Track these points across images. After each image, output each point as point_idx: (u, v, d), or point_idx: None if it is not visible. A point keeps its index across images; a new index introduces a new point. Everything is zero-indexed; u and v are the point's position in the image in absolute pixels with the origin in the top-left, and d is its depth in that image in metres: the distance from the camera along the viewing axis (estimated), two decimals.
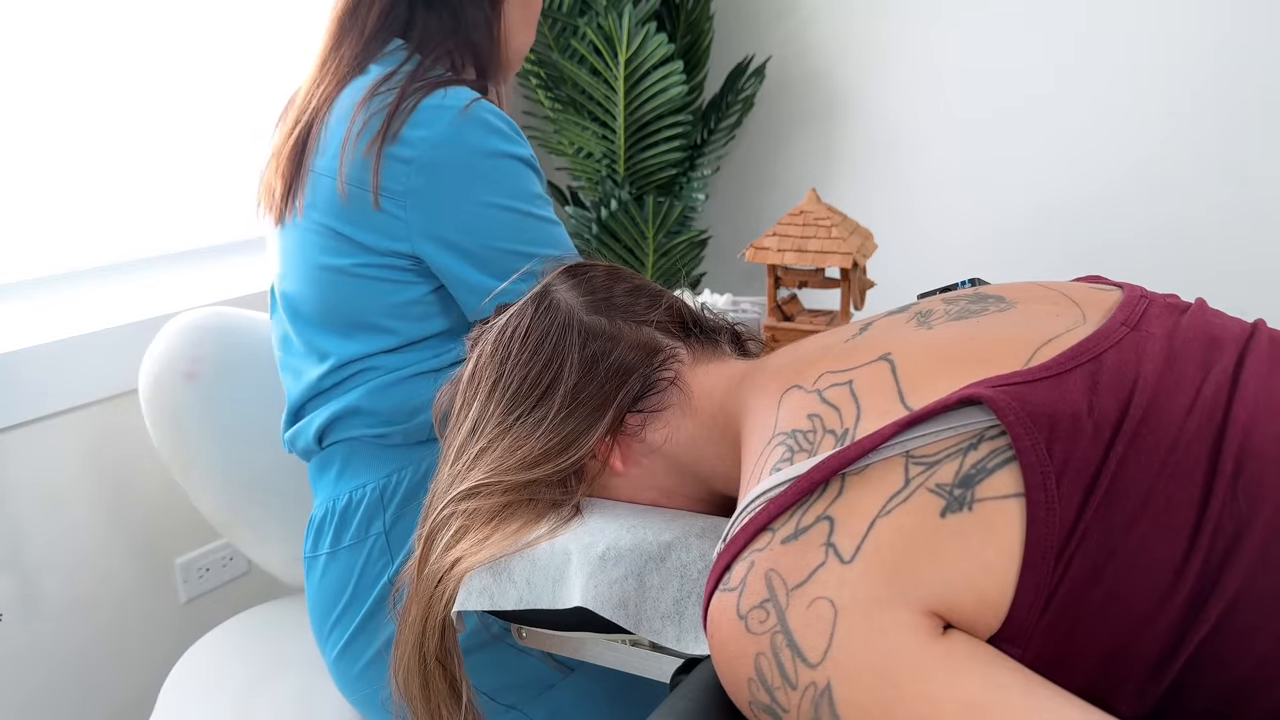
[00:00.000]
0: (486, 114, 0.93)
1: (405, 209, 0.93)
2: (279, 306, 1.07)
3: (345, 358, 1.00)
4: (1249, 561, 0.47)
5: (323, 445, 1.04)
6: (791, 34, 2.09)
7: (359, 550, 1.00)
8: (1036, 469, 0.49)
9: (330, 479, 1.04)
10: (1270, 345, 0.56)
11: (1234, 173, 1.73)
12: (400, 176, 0.92)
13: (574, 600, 0.69)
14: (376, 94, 0.93)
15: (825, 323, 1.22)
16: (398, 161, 0.92)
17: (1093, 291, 0.64)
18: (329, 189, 0.95)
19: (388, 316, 0.98)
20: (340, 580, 1.00)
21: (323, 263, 0.97)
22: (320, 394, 1.03)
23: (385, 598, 0.98)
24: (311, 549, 1.04)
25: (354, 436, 1.02)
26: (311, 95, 0.99)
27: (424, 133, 0.91)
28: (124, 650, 1.44)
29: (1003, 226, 1.96)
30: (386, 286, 0.97)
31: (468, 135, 0.92)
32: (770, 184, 2.18)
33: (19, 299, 1.36)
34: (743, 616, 0.53)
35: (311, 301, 1.00)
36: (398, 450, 1.02)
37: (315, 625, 1.04)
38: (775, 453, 0.58)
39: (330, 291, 0.98)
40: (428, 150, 0.91)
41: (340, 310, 0.99)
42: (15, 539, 1.30)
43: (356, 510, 1.00)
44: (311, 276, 0.99)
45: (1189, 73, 1.73)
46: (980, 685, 0.46)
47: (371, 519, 1.00)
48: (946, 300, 0.67)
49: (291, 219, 0.99)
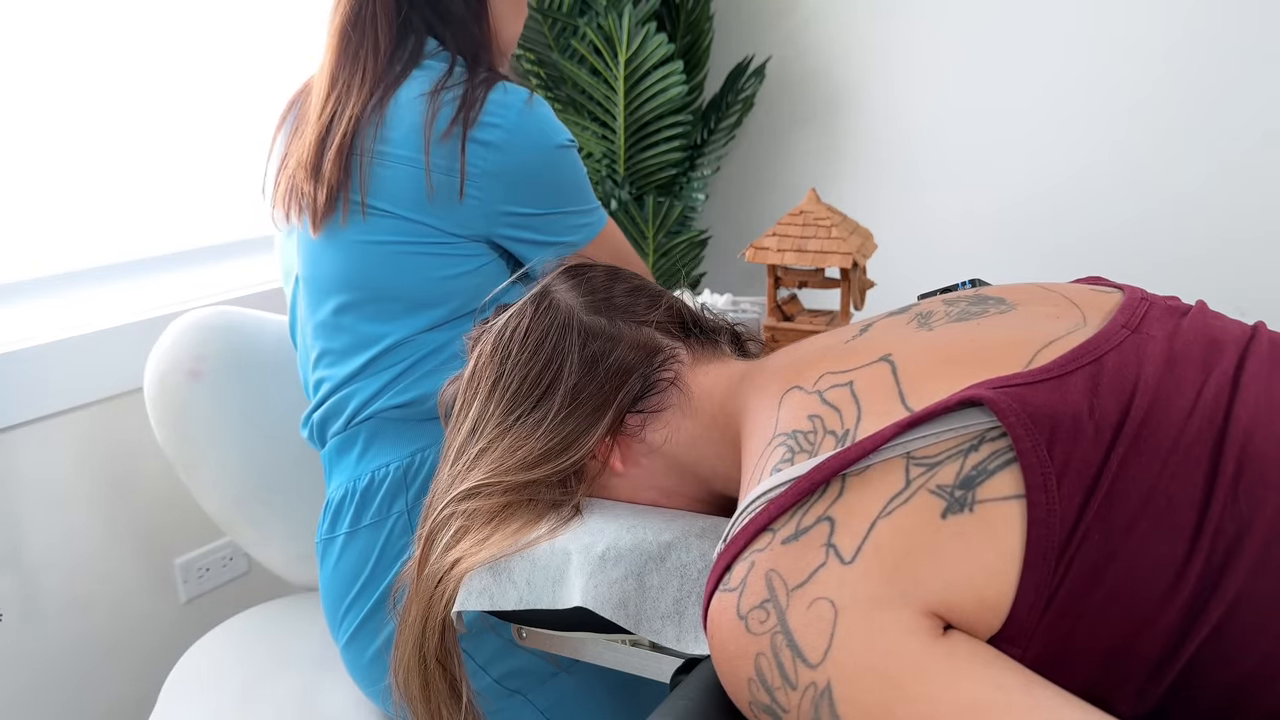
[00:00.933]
0: (542, 106, 1.04)
1: (483, 190, 1.00)
2: (311, 298, 1.08)
3: (397, 339, 1.03)
4: (1250, 563, 0.47)
5: (349, 426, 1.06)
6: (791, 34, 2.09)
7: (380, 529, 1.01)
8: (1037, 470, 0.49)
9: (351, 460, 1.06)
10: (1270, 348, 0.56)
11: (1239, 173, 1.73)
12: (479, 160, 1.00)
13: (574, 600, 0.69)
14: (445, 89, 1.01)
15: (825, 323, 1.22)
16: (479, 145, 0.99)
17: (1093, 294, 0.64)
18: (409, 179, 1.00)
19: (439, 289, 1.03)
20: (359, 560, 1.01)
21: (383, 243, 1.02)
22: (360, 377, 1.05)
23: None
24: (329, 530, 1.05)
25: (382, 412, 1.04)
26: (341, 104, 1.02)
27: (498, 120, 1.00)
28: (124, 650, 1.44)
29: (1003, 227, 1.96)
30: (442, 260, 1.02)
31: (535, 125, 1.02)
32: (770, 184, 2.18)
33: (21, 299, 1.36)
34: (743, 617, 0.53)
35: (365, 287, 1.04)
36: (423, 426, 1.03)
37: (329, 611, 1.04)
38: (776, 453, 0.58)
39: (388, 271, 1.02)
40: (503, 136, 1.00)
41: (394, 290, 1.03)
42: (15, 539, 1.30)
43: (379, 489, 1.02)
44: (367, 260, 1.02)
45: (1189, 73, 1.73)
46: (981, 685, 0.46)
47: (394, 497, 1.01)
48: (947, 301, 0.67)
49: (347, 219, 1.02)
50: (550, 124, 1.04)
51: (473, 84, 1.02)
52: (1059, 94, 1.85)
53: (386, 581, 1.00)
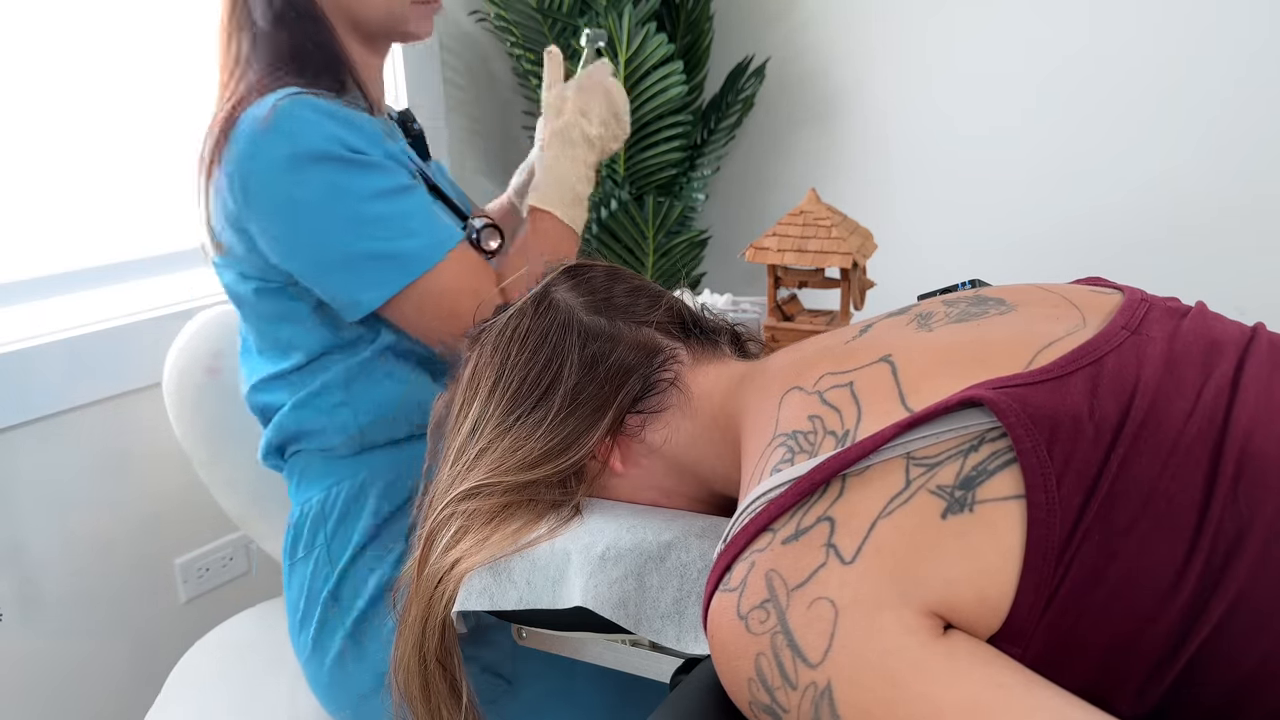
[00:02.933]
0: (289, 116, 0.85)
1: (247, 234, 0.91)
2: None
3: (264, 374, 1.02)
4: (1250, 564, 0.47)
5: (284, 458, 1.07)
6: (791, 34, 2.09)
7: (308, 563, 1.02)
8: (1037, 470, 0.49)
9: (292, 492, 1.07)
10: (1270, 349, 0.56)
11: (1234, 178, 1.73)
12: (226, 201, 0.89)
13: (574, 600, 0.69)
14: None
15: (825, 323, 1.22)
16: (221, 187, 0.89)
17: (1093, 294, 0.64)
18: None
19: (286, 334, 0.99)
20: (297, 591, 1.02)
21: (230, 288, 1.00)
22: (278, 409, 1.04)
23: (328, 608, 0.99)
24: (286, 558, 1.06)
25: (299, 450, 1.04)
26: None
27: (235, 149, 0.87)
28: (124, 650, 1.44)
29: (1003, 227, 1.96)
30: (279, 304, 0.97)
31: (271, 146, 0.85)
32: (770, 184, 2.18)
33: (21, 298, 1.36)
34: (743, 617, 0.53)
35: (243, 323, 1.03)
36: (339, 462, 1.02)
37: (289, 630, 1.06)
38: (776, 453, 0.58)
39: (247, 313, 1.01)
40: (238, 166, 0.87)
41: (257, 330, 1.01)
42: (15, 539, 1.30)
43: (305, 523, 1.02)
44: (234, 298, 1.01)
45: (1189, 72, 1.73)
46: (981, 685, 0.46)
47: (316, 532, 1.01)
48: (947, 302, 0.68)
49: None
50: (292, 135, 0.84)
51: (238, 104, 0.87)
52: (1059, 93, 1.85)
53: (317, 615, 0.99)
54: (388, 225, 0.88)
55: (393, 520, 1.01)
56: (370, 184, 0.88)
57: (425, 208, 0.92)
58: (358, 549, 1.00)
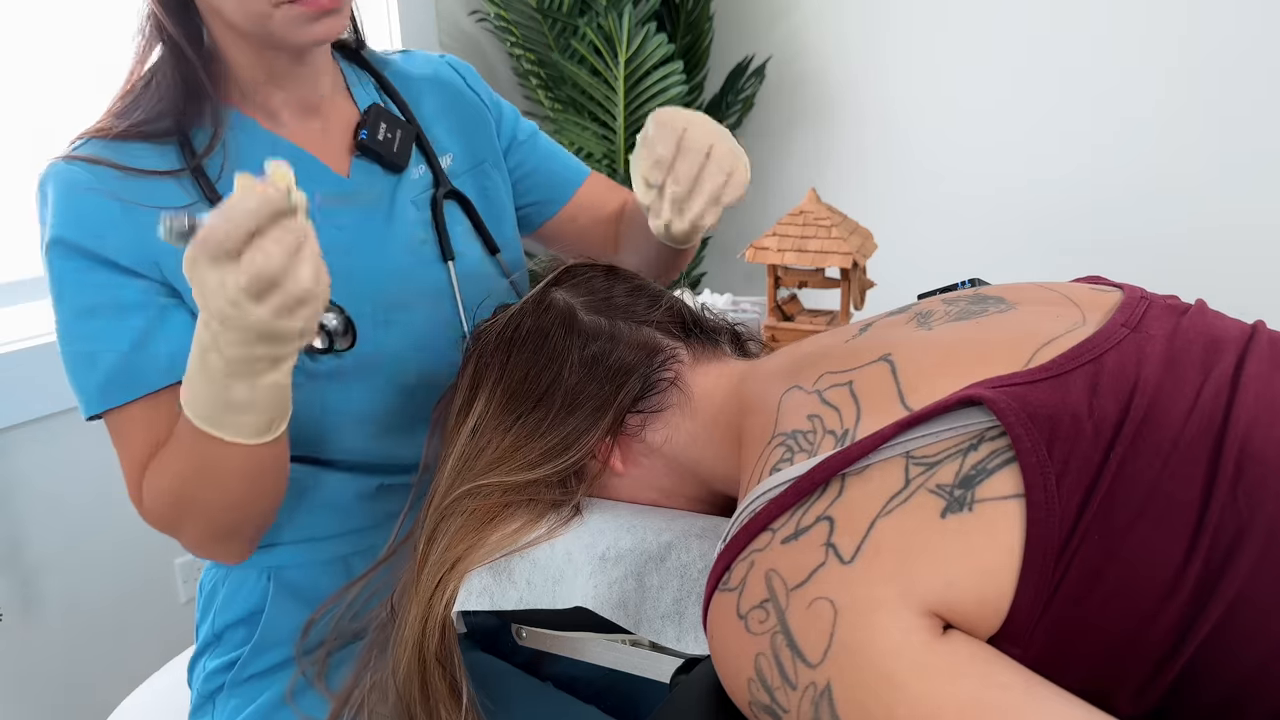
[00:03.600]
0: (45, 183, 0.79)
1: None
2: None
3: None
4: (1249, 563, 0.47)
5: None
6: (791, 34, 2.09)
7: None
8: (1037, 470, 0.49)
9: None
10: (1270, 347, 0.56)
11: (1236, 172, 1.73)
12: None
13: (574, 600, 0.69)
14: None
15: (825, 323, 1.22)
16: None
17: (1093, 293, 0.64)
18: None
19: None
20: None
21: None
22: None
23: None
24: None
25: None
26: None
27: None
28: (124, 650, 1.44)
29: (1002, 226, 1.96)
30: None
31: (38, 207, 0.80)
32: (770, 184, 2.18)
33: (21, 298, 1.36)
34: (743, 617, 0.53)
35: None
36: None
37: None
38: (775, 453, 0.58)
39: None
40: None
41: None
42: (15, 539, 1.30)
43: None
44: None
45: (1189, 71, 1.73)
46: (981, 685, 0.46)
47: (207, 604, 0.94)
48: (946, 301, 0.67)
49: None
50: (43, 202, 0.79)
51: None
52: (1058, 93, 1.85)
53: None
54: (79, 346, 0.78)
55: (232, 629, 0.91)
56: (80, 296, 0.77)
57: (127, 339, 0.77)
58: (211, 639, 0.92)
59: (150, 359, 0.77)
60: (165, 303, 0.78)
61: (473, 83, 1.05)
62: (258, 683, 0.89)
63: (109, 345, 0.77)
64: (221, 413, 0.68)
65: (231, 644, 0.91)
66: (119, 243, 0.77)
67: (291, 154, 0.85)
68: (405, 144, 0.92)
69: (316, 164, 0.87)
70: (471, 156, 1.00)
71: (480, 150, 1.01)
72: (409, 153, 0.92)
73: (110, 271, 0.77)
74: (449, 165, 0.97)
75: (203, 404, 0.68)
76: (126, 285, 0.77)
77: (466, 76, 1.05)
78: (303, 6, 0.76)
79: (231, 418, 0.69)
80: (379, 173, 0.91)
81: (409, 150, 0.92)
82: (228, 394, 0.67)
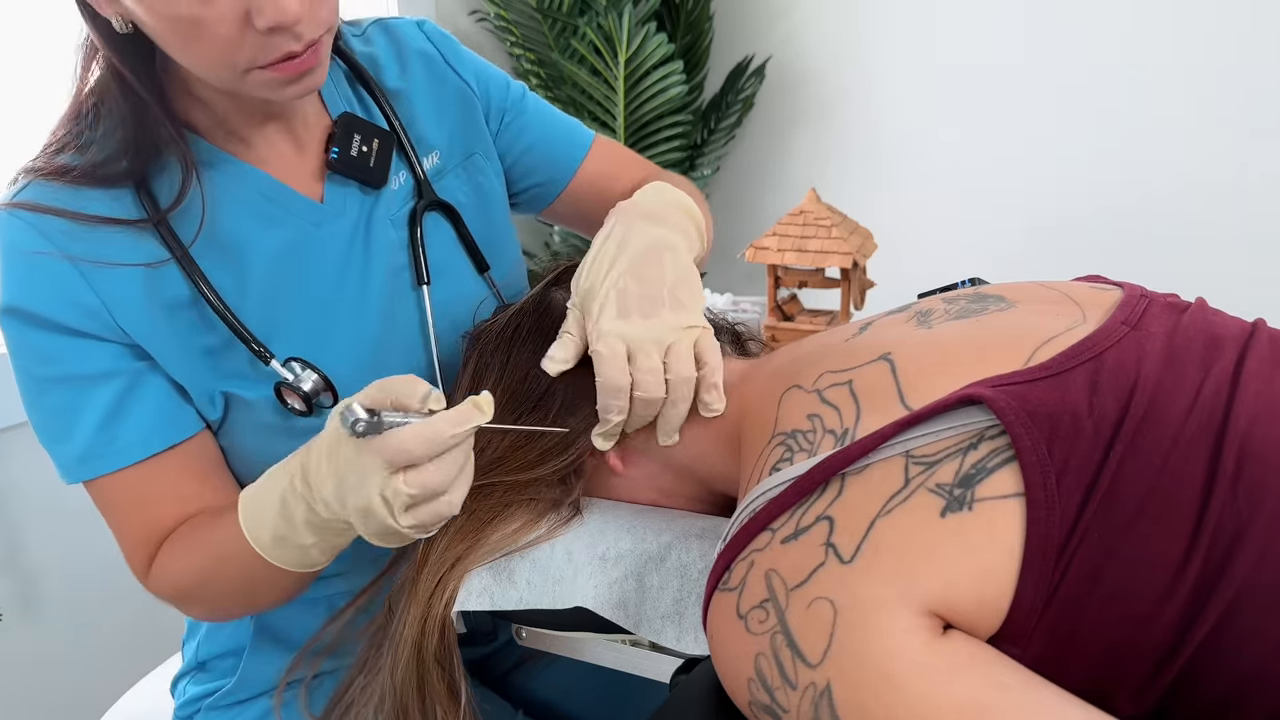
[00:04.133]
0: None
1: None
2: None
3: None
4: (1249, 562, 0.46)
5: None
6: (791, 34, 2.09)
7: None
8: (1036, 469, 0.49)
9: None
10: (1270, 345, 0.56)
11: (1236, 170, 1.73)
12: None
13: (574, 600, 0.69)
14: None
15: (825, 323, 1.22)
16: None
17: (1092, 291, 0.64)
18: None
19: None
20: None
21: None
22: None
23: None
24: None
25: None
26: None
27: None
28: (123, 650, 1.44)
29: (1002, 225, 1.96)
30: None
31: None
32: (770, 184, 2.18)
33: None
34: (743, 616, 0.53)
35: None
36: None
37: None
38: (775, 453, 0.58)
39: None
40: None
41: None
42: (15, 540, 1.30)
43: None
44: None
45: (1188, 71, 1.73)
46: (981, 685, 0.46)
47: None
48: (946, 300, 0.67)
49: None
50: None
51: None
52: (1058, 92, 1.85)
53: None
54: (48, 417, 0.74)
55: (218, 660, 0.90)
56: (44, 366, 0.72)
57: (99, 410, 0.72)
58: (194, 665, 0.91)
59: (127, 431, 0.73)
60: (137, 367, 0.73)
61: (453, 60, 0.92)
62: (238, 707, 0.88)
63: (81, 417, 0.72)
64: (281, 547, 0.68)
65: (215, 674, 0.90)
66: (78, 310, 0.70)
67: (271, 190, 0.78)
68: (383, 156, 0.82)
69: (293, 196, 0.79)
70: (461, 149, 0.91)
71: (470, 140, 0.91)
72: (388, 165, 0.83)
73: (73, 339, 0.71)
74: (434, 165, 0.88)
75: (266, 536, 0.68)
76: (92, 353, 0.71)
77: (446, 53, 0.92)
78: (275, 72, 0.67)
79: (291, 554, 0.68)
80: (355, 192, 0.82)
81: (388, 162, 0.83)
82: (297, 538, 0.67)
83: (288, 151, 0.80)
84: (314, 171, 0.81)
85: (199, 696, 0.90)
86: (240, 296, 0.75)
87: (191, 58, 0.66)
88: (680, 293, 0.73)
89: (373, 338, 0.81)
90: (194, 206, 0.73)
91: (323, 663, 0.78)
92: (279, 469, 0.68)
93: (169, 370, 0.73)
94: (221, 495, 0.77)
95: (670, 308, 0.71)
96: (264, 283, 0.76)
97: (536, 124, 0.97)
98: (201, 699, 0.89)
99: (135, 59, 0.69)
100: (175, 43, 0.65)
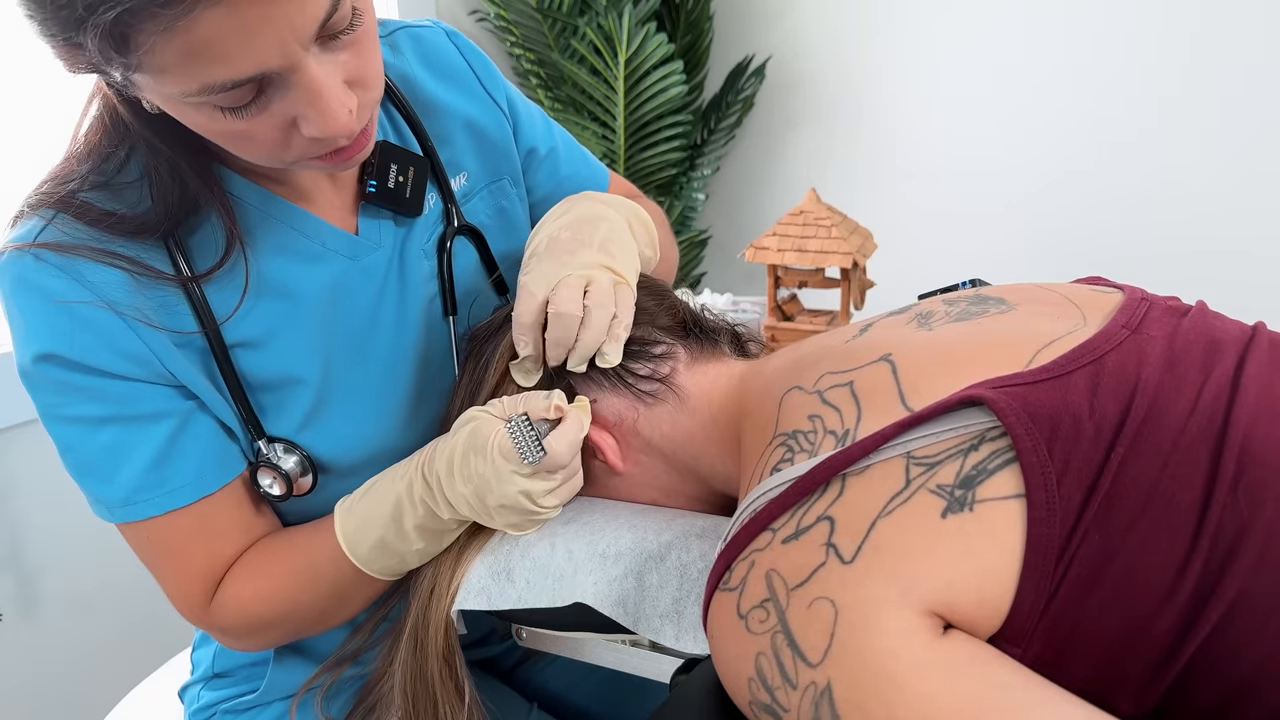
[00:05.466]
0: (5, 283, 0.67)
1: None
2: None
3: None
4: (1250, 564, 0.47)
5: None
6: (791, 34, 2.09)
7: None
8: (1037, 470, 0.49)
9: None
10: (1271, 348, 0.56)
11: (1237, 173, 1.73)
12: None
13: (573, 596, 0.69)
14: None
15: (825, 323, 1.22)
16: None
17: (1093, 294, 0.64)
18: None
19: None
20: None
21: None
22: None
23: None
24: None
25: None
26: None
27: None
28: (124, 650, 1.44)
29: (1003, 226, 1.96)
30: None
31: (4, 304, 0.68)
32: (770, 184, 2.18)
33: None
34: (743, 616, 0.53)
35: None
36: None
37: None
38: (776, 453, 0.58)
39: None
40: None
41: None
42: (15, 539, 1.31)
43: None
44: None
45: (1188, 70, 1.73)
46: (981, 685, 0.46)
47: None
48: (947, 301, 0.67)
49: None
50: (19, 324, 0.67)
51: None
52: (1058, 93, 1.85)
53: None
54: (91, 457, 0.70)
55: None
56: (86, 406, 0.68)
57: (149, 451, 0.70)
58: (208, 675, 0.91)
59: (179, 471, 0.71)
60: (188, 406, 0.71)
61: (486, 79, 0.90)
62: (256, 710, 0.88)
63: (130, 458, 0.69)
64: (379, 553, 0.72)
65: (235, 680, 0.90)
66: (128, 359, 0.68)
67: (314, 229, 0.76)
68: (419, 184, 0.80)
69: (333, 232, 0.77)
70: (489, 171, 0.89)
71: (498, 164, 0.90)
72: (423, 193, 0.81)
73: (119, 383, 0.68)
74: (462, 186, 0.86)
75: (367, 543, 0.71)
76: (144, 395, 0.69)
77: (479, 71, 0.90)
78: (325, 161, 0.65)
79: (388, 561, 0.72)
80: (389, 224, 0.81)
81: (423, 190, 0.81)
82: (401, 544, 0.71)
83: (324, 182, 0.78)
84: (349, 204, 0.80)
85: (215, 702, 0.90)
86: (293, 339, 0.75)
87: (237, 154, 0.65)
88: (611, 246, 0.75)
89: (410, 369, 0.81)
90: (237, 268, 0.71)
91: (346, 669, 0.79)
92: (385, 480, 0.72)
93: (214, 410, 0.73)
94: (276, 520, 0.79)
95: (597, 250, 0.74)
96: (311, 320, 0.75)
97: (565, 162, 0.96)
98: (217, 704, 0.89)
99: (168, 131, 0.66)
100: (221, 144, 0.63)
